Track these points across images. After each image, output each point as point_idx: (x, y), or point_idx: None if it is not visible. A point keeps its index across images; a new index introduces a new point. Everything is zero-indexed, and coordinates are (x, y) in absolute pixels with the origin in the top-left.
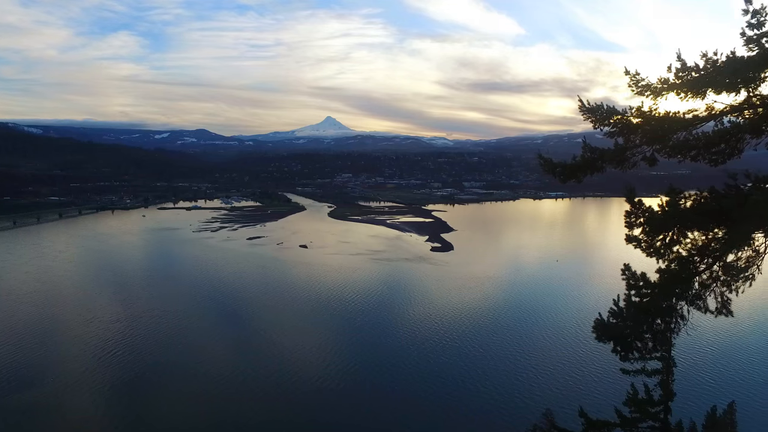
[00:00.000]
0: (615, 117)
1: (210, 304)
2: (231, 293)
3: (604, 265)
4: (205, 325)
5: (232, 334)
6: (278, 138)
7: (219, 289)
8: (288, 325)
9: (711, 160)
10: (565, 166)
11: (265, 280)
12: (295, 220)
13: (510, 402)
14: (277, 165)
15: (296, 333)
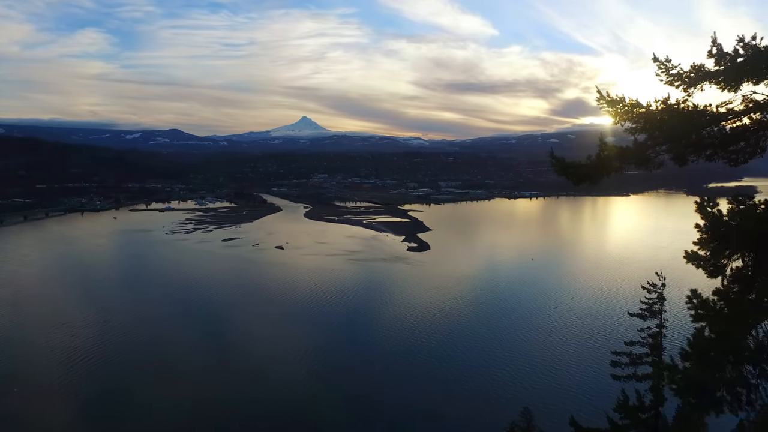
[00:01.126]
0: (638, 110)
1: (184, 307)
2: (206, 296)
3: (578, 262)
4: (178, 329)
5: (206, 338)
6: (253, 138)
7: (193, 292)
8: (264, 327)
9: (729, 159)
10: (579, 166)
11: (240, 283)
12: (271, 221)
13: (488, 400)
14: (252, 165)
15: (272, 336)
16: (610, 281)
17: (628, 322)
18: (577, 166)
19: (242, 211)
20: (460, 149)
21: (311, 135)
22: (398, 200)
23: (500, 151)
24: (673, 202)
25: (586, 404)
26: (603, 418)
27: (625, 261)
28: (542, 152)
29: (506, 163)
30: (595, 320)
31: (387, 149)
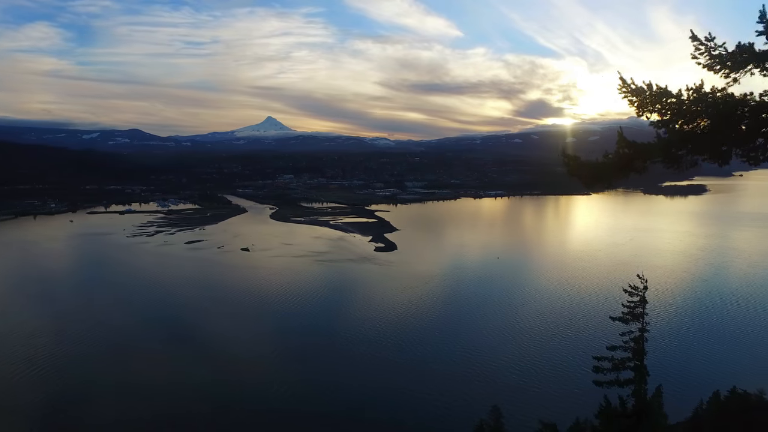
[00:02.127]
0: (667, 100)
1: (145, 312)
2: (168, 301)
3: (541, 261)
4: (139, 336)
5: (169, 344)
6: (217, 138)
7: (155, 297)
8: (230, 331)
9: (748, 157)
10: (597, 165)
11: (205, 286)
12: (236, 222)
13: (456, 399)
14: (217, 166)
15: (238, 340)
16: (573, 279)
17: (590, 319)
18: (595, 165)
19: (206, 213)
20: (426, 149)
21: (277, 135)
22: (365, 200)
23: (466, 151)
24: (631, 200)
25: (554, 403)
26: (572, 417)
27: (586, 258)
28: (507, 152)
29: (472, 163)
30: (558, 317)
31: (353, 149)
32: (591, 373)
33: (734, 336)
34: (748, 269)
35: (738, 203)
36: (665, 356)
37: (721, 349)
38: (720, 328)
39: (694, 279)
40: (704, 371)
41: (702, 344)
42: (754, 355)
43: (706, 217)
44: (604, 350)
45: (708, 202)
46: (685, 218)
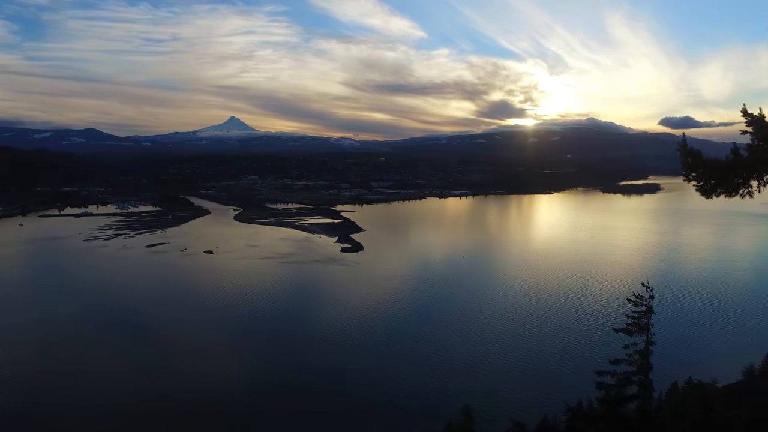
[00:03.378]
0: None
1: (103, 319)
2: (128, 306)
3: (506, 259)
4: (96, 343)
5: (127, 351)
6: (179, 139)
7: (114, 302)
8: (192, 336)
9: None
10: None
11: (167, 290)
12: (199, 224)
13: (425, 400)
14: (179, 167)
15: (202, 345)
16: (538, 276)
17: (555, 315)
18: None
19: (168, 215)
20: (392, 150)
21: (240, 135)
22: (330, 201)
23: (431, 151)
24: (591, 199)
25: (523, 400)
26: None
27: (550, 256)
28: (471, 152)
29: (437, 163)
30: (524, 314)
31: (318, 150)
32: (558, 370)
33: (687, 328)
34: (699, 264)
35: (687, 201)
36: None
37: (676, 340)
38: (675, 321)
39: (650, 275)
40: (662, 362)
41: (659, 337)
42: (706, 346)
43: (660, 215)
44: (575, 349)
45: (661, 200)
46: (642, 216)
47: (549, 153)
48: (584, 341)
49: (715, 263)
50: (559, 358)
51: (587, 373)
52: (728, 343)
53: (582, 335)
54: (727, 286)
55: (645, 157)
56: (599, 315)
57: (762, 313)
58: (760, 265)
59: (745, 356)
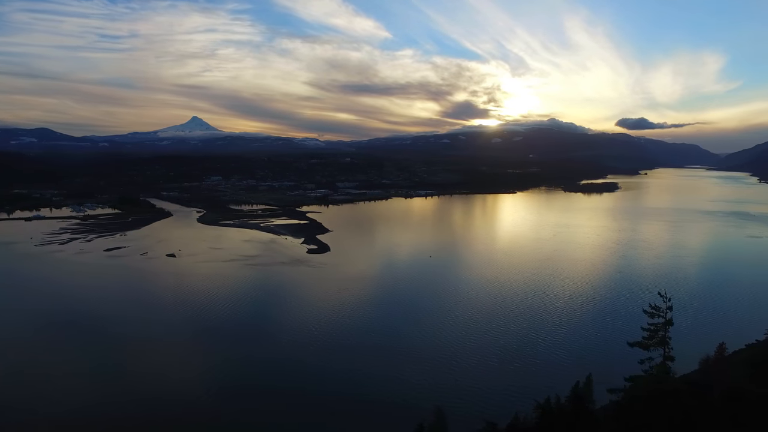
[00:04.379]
0: None
1: (58, 325)
2: (86, 311)
3: (472, 257)
4: (50, 348)
5: (84, 356)
6: (138, 139)
7: (71, 307)
8: (155, 340)
9: None
10: None
11: (127, 295)
12: (161, 227)
13: (395, 400)
14: (139, 168)
15: (165, 348)
16: (504, 275)
17: (521, 313)
18: None
19: (128, 218)
20: (357, 150)
21: (203, 136)
22: (296, 202)
23: (396, 151)
24: (553, 197)
25: (493, 399)
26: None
27: (514, 254)
28: (436, 152)
29: (402, 163)
30: (491, 313)
31: (283, 150)
32: (526, 367)
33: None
34: (656, 260)
35: (643, 199)
36: (589, 342)
37: (636, 333)
38: (634, 315)
39: (611, 270)
40: (624, 355)
41: (621, 330)
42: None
43: (618, 213)
44: (540, 345)
45: (620, 199)
46: (602, 214)
47: (512, 153)
48: (550, 338)
49: (669, 258)
50: (527, 355)
51: (553, 369)
52: (685, 334)
53: (547, 332)
54: (681, 279)
55: (604, 156)
56: (563, 312)
57: (713, 304)
58: (710, 259)
59: (700, 347)
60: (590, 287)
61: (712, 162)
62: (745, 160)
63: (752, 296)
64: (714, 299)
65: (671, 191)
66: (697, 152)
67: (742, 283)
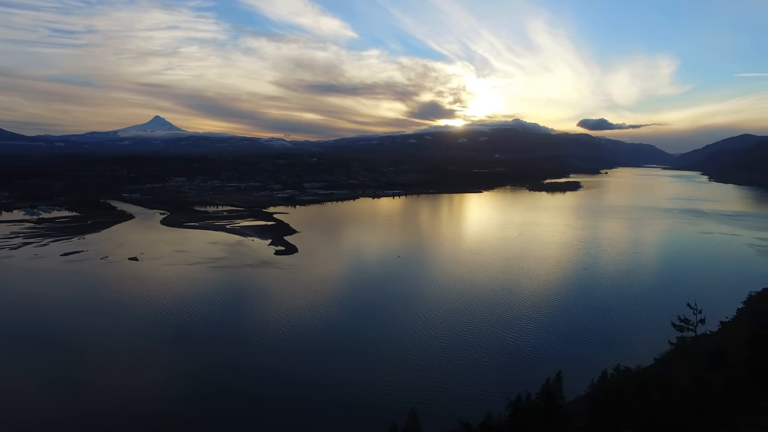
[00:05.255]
0: None
1: (9, 339)
2: (41, 319)
3: (440, 256)
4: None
5: (39, 368)
6: (97, 139)
7: (22, 319)
8: (118, 349)
9: None
10: None
11: (86, 301)
12: (122, 230)
13: (367, 402)
14: (98, 169)
15: (128, 357)
16: (472, 273)
17: (490, 312)
18: None
19: (86, 221)
20: (324, 150)
21: (166, 136)
22: (263, 203)
23: (363, 151)
24: (519, 197)
25: (464, 398)
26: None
27: (482, 253)
28: (403, 152)
29: (369, 163)
30: (460, 312)
31: (249, 150)
32: (496, 365)
33: (612, 317)
34: (618, 257)
35: (605, 197)
36: (557, 338)
37: (604, 329)
38: (600, 311)
39: (576, 268)
40: (591, 351)
41: (588, 327)
42: (628, 332)
43: (581, 211)
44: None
45: (583, 197)
46: (565, 212)
47: (478, 153)
48: (519, 335)
49: (631, 255)
50: (497, 353)
51: (524, 366)
52: (646, 328)
53: (516, 329)
54: (641, 275)
55: (566, 156)
56: (532, 309)
57: (671, 299)
58: (668, 255)
59: (662, 340)
60: (557, 284)
61: (666, 161)
62: (696, 160)
63: (707, 289)
64: (672, 293)
65: (630, 190)
66: (653, 152)
67: (697, 277)
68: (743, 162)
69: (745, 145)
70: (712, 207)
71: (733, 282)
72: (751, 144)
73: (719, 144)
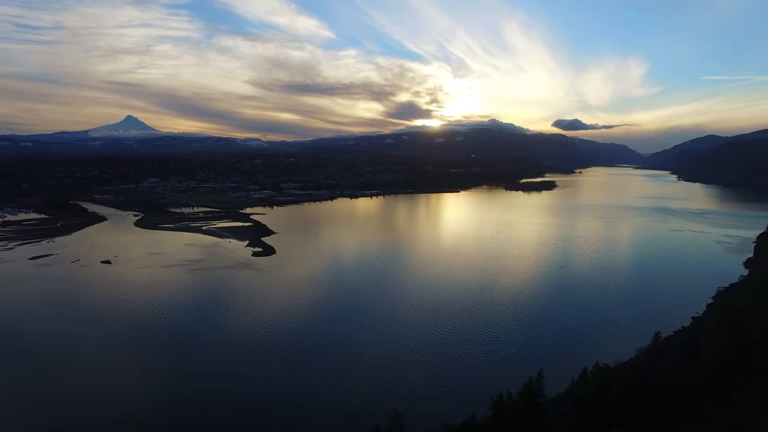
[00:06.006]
0: None
1: None
2: (5, 330)
3: (418, 256)
4: None
5: (7, 383)
6: (67, 139)
7: None
8: (88, 360)
9: None
10: None
11: (56, 308)
12: (94, 232)
13: (348, 405)
14: (68, 170)
15: (100, 369)
16: (450, 273)
17: (469, 311)
18: None
19: (56, 223)
20: (301, 150)
21: (139, 136)
22: (239, 204)
23: (340, 151)
24: (495, 196)
25: (446, 397)
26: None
27: (460, 252)
28: (380, 152)
29: (346, 163)
30: (440, 311)
31: (225, 151)
32: (477, 365)
33: (589, 314)
34: (593, 255)
35: (579, 196)
36: (537, 336)
37: (582, 326)
38: (578, 309)
39: (553, 266)
40: (570, 348)
41: (566, 324)
42: (607, 329)
43: (557, 210)
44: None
45: (558, 196)
46: (542, 211)
47: (455, 153)
48: (499, 334)
49: (605, 253)
50: (478, 353)
51: (505, 365)
52: (622, 324)
53: (496, 328)
54: (616, 273)
55: (541, 156)
56: (511, 308)
57: (645, 295)
58: (640, 253)
59: (638, 336)
60: (535, 283)
61: (637, 161)
62: (665, 160)
63: (678, 285)
64: (646, 290)
65: (604, 189)
66: (625, 152)
67: (669, 274)
68: (709, 162)
69: (710, 146)
70: (681, 205)
71: (702, 278)
72: (717, 144)
73: (687, 144)
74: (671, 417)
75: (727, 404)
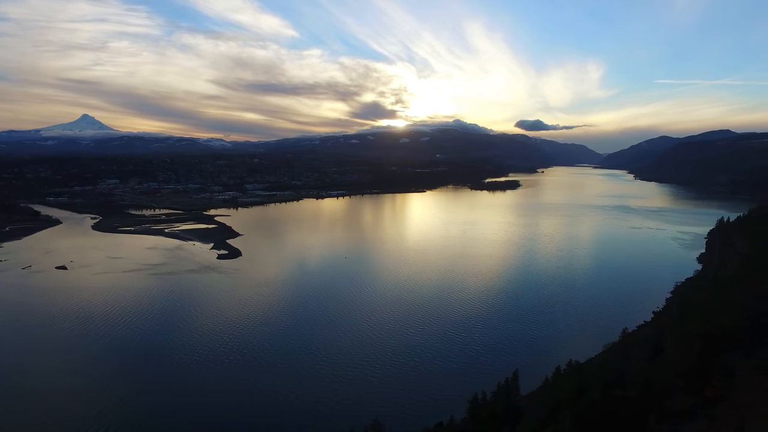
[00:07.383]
0: None
1: None
2: None
3: (388, 256)
4: None
5: None
6: (16, 138)
7: None
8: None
9: None
10: None
11: (5, 317)
12: (48, 236)
13: (326, 418)
14: (17, 171)
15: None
16: (418, 273)
17: (439, 310)
18: None
19: (4, 227)
20: (265, 150)
21: (96, 135)
22: (203, 205)
23: (305, 152)
24: (460, 196)
25: (426, 405)
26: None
27: (427, 252)
28: (345, 152)
29: (312, 163)
30: (410, 313)
31: (187, 151)
32: (451, 366)
33: (556, 311)
34: (557, 253)
35: (543, 195)
36: (508, 336)
37: (550, 323)
38: (546, 306)
39: (518, 265)
40: (541, 346)
41: (535, 321)
42: (574, 326)
43: (521, 209)
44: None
45: (522, 196)
46: (506, 210)
47: (420, 153)
48: (470, 334)
49: (569, 251)
50: (449, 354)
51: (476, 365)
52: (589, 320)
53: (467, 329)
54: (580, 270)
55: (505, 156)
56: (480, 307)
57: (608, 290)
58: (603, 250)
59: (605, 331)
60: (502, 282)
61: (596, 161)
62: (622, 160)
63: (639, 281)
64: (609, 286)
65: (566, 188)
66: (585, 152)
67: (630, 270)
68: (663, 162)
69: (664, 146)
70: (639, 203)
71: (660, 273)
72: (669, 145)
73: (642, 145)
74: (653, 416)
75: (705, 400)
